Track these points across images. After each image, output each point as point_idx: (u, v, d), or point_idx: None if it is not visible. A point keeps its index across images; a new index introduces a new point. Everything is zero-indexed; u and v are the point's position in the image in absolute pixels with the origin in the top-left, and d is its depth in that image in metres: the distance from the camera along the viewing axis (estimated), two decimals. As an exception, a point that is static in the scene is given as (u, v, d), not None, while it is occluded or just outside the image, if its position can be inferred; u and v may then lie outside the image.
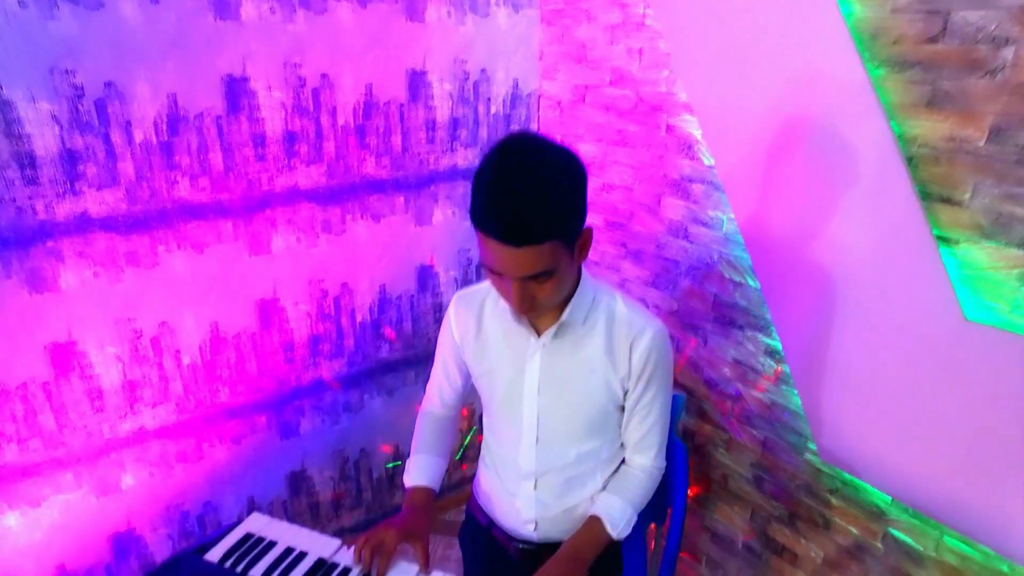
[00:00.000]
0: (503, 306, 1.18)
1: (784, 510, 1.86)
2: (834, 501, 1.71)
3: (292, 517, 2.33)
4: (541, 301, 1.04)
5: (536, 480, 1.25)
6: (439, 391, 1.39)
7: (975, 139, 1.21)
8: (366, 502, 2.52)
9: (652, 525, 1.89)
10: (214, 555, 1.23)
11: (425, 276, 2.33)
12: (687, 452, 1.72)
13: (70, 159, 1.58)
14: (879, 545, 1.62)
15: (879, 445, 1.50)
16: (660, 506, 1.76)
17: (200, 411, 2.01)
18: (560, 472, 1.24)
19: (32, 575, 1.86)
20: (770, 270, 1.66)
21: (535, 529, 1.28)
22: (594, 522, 1.20)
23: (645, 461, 1.26)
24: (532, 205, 0.92)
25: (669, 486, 1.68)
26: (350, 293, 2.18)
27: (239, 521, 1.32)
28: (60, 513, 1.84)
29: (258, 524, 1.31)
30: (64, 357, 1.73)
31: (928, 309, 1.32)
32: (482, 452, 1.39)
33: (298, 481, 2.30)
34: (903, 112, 1.31)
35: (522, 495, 1.27)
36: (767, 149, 1.59)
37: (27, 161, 1.53)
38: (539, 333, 1.17)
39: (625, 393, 1.19)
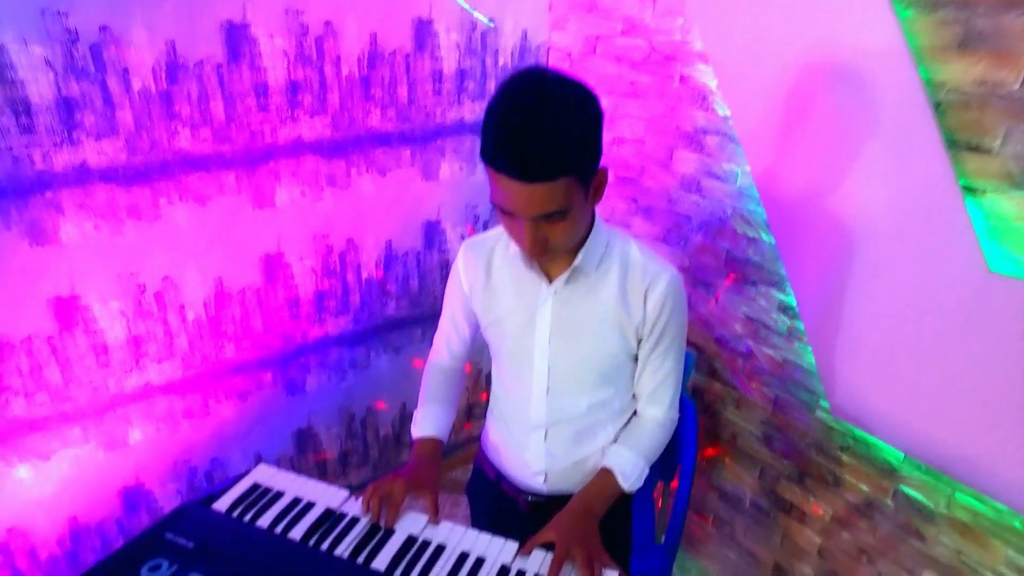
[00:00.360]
0: (514, 252, 1.14)
1: (794, 468, 1.84)
2: (844, 458, 1.69)
3: (299, 474, 2.33)
4: (554, 244, 1.00)
5: (546, 431, 1.23)
6: (447, 342, 1.37)
7: (1009, 82, 1.16)
8: (373, 460, 2.53)
9: (660, 484, 1.89)
10: (221, 505, 1.22)
11: (432, 233, 2.30)
12: (696, 410, 1.70)
13: (66, 107, 1.54)
14: (889, 502, 1.61)
15: (893, 401, 1.47)
16: (668, 464, 1.75)
17: (206, 367, 2.00)
18: (571, 423, 1.22)
19: (45, 527, 1.88)
20: (786, 224, 1.62)
21: (545, 481, 1.27)
22: (605, 474, 1.19)
23: (658, 412, 1.24)
24: (546, 139, 0.88)
25: (678, 443, 1.67)
26: (355, 249, 2.15)
27: (247, 473, 1.31)
28: (69, 467, 1.84)
29: (265, 475, 1.30)
30: (67, 311, 1.71)
31: (951, 262, 1.28)
32: (491, 404, 1.37)
33: (305, 438, 2.30)
34: (932, 55, 1.25)
35: (532, 447, 1.25)
36: (786, 97, 1.53)
37: (22, 108, 1.49)
38: (550, 280, 1.14)
39: (639, 342, 1.16)
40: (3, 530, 1.81)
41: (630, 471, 1.19)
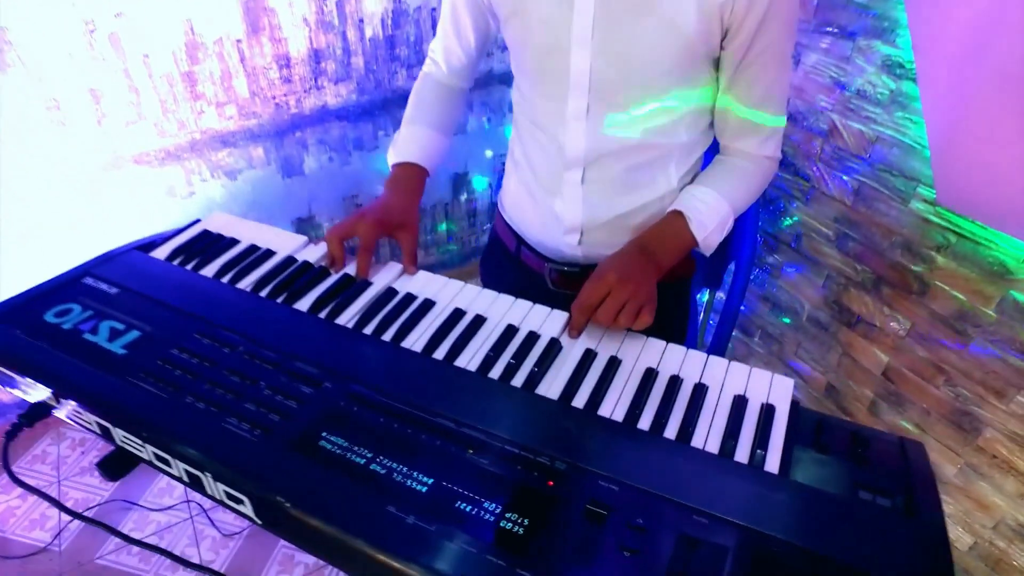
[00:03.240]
0: None
1: (869, 274, 1.54)
2: (939, 260, 1.38)
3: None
4: None
5: (584, 170, 0.92)
6: (444, 51, 1.04)
7: None
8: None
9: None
10: (161, 252, 0.97)
11: None
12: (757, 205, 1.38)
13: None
14: (991, 312, 1.31)
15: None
16: (716, 265, 1.47)
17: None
18: (618, 159, 0.90)
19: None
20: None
21: (579, 242, 0.98)
22: (675, 218, 0.89)
23: (751, 146, 0.91)
24: None
25: (731, 238, 1.37)
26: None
27: (196, 222, 1.05)
28: (252, 190, 1.89)
29: (219, 222, 1.04)
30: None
31: None
32: (511, 144, 1.06)
33: (305, 229, 2.06)
34: None
35: (565, 192, 0.95)
36: None
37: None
38: None
39: (725, 35, 0.81)
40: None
41: (708, 217, 0.88)
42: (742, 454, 0.64)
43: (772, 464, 0.62)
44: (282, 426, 0.65)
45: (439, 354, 0.76)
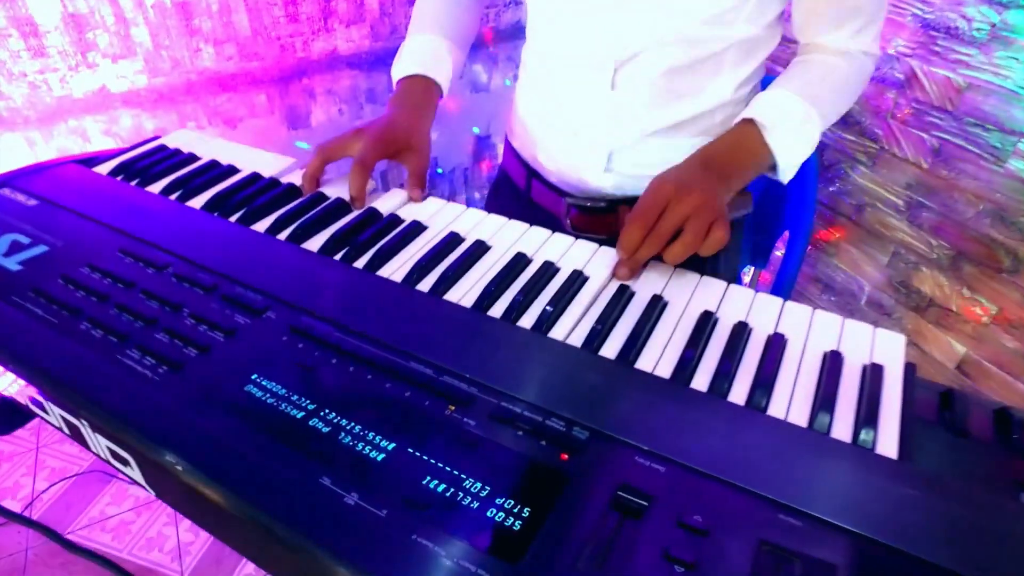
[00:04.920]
0: None
1: (946, 249, 1.32)
2: (1039, 231, 1.16)
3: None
4: None
5: (615, 72, 0.72)
6: None
7: None
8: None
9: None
10: (104, 167, 0.79)
11: None
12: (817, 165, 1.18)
13: None
14: (1102, 292, 1.09)
15: None
16: (763, 239, 1.27)
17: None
18: (657, 57, 0.70)
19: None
20: None
21: (606, 168, 0.78)
22: (746, 127, 0.69)
23: (843, 36, 0.70)
24: None
25: (784, 202, 1.18)
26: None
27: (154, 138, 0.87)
28: (253, 141, 1.61)
29: (182, 139, 0.86)
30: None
31: None
32: (523, 60, 0.87)
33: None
34: None
35: (591, 102, 0.75)
36: None
37: None
38: None
39: None
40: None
41: (789, 126, 0.67)
42: (841, 430, 0.44)
43: (887, 446, 0.43)
44: (198, 363, 0.47)
45: (424, 286, 0.57)
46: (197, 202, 0.71)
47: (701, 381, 0.48)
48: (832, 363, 0.49)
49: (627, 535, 0.36)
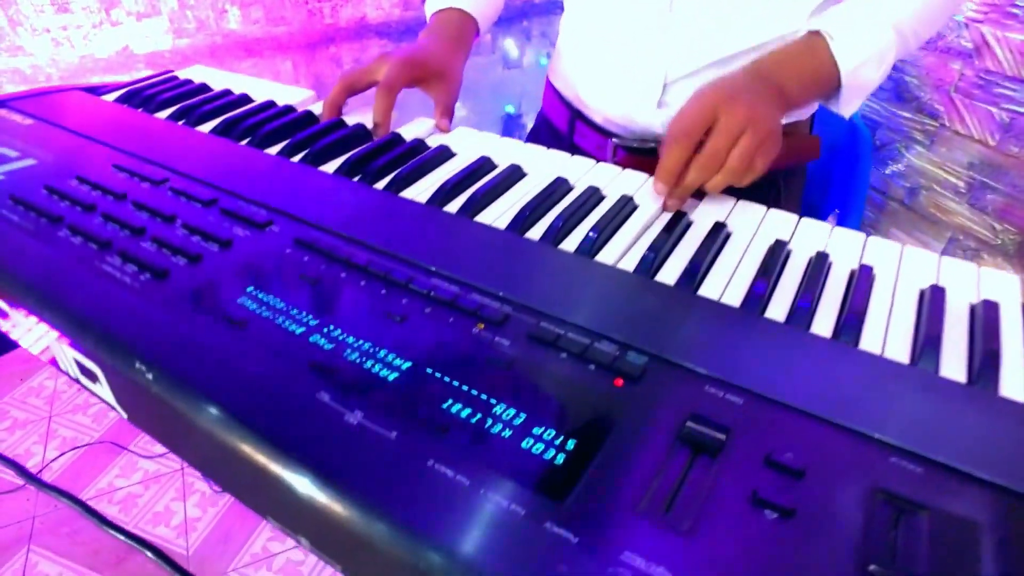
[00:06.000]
0: None
1: (1013, 234, 1.22)
2: (1121, 212, 1.06)
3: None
4: None
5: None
6: None
7: None
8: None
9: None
10: (111, 95, 0.74)
11: None
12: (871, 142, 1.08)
13: None
14: None
15: None
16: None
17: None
18: None
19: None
20: None
21: (659, 104, 0.70)
22: (810, 38, 0.60)
23: None
24: None
25: (833, 180, 1.09)
26: None
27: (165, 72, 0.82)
28: None
29: (196, 73, 0.80)
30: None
31: None
32: (567, 5, 0.80)
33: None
34: None
35: (646, 25, 0.67)
36: None
37: None
38: None
39: None
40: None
41: (859, 38, 0.58)
42: (953, 369, 0.36)
43: (1015, 388, 0.35)
44: (185, 273, 0.40)
45: (451, 208, 0.50)
46: (206, 128, 0.65)
47: (777, 311, 0.40)
48: (935, 297, 0.41)
49: (700, 473, 0.28)
